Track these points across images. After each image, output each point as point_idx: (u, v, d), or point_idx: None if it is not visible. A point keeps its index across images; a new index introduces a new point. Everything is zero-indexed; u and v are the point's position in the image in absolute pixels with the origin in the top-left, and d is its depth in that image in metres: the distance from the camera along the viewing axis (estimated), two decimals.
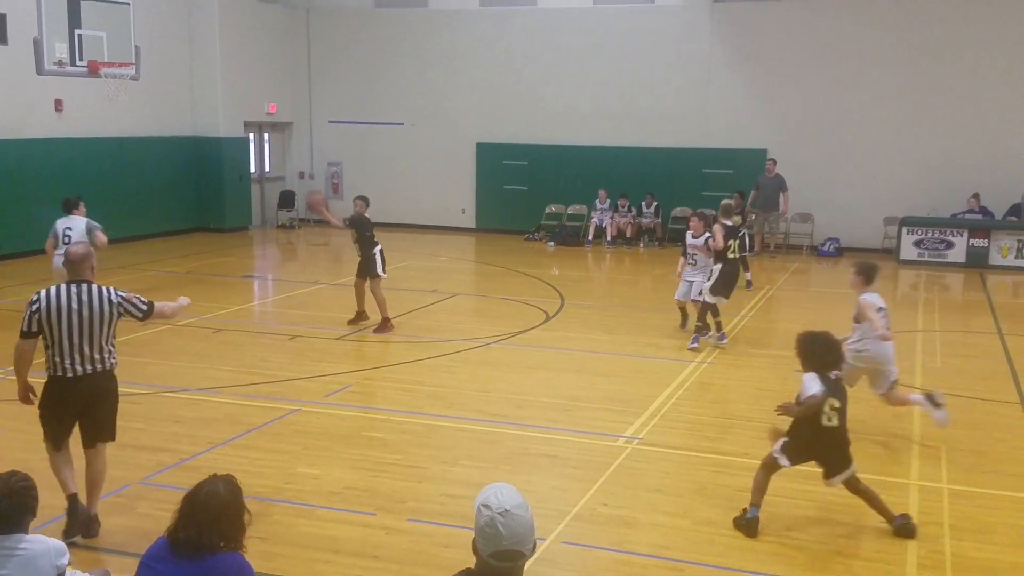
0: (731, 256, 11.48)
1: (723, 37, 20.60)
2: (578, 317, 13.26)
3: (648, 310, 14.00)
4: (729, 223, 11.65)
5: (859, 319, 7.95)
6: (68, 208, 11.03)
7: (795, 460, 6.30)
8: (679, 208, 21.22)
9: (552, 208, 22.06)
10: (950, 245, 18.34)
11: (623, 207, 21.12)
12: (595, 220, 21.23)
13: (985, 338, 12.23)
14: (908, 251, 18.62)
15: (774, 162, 19.52)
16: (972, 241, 18.19)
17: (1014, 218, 18.52)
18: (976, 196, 18.75)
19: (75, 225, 10.79)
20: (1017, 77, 18.65)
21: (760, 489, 6.37)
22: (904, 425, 8.56)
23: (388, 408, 8.96)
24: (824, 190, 20.07)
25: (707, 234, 11.47)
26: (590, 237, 21.15)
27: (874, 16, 19.47)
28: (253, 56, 22.21)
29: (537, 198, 22.07)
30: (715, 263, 11.41)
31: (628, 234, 20.95)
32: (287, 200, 23.71)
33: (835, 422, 6.15)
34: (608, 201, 21.21)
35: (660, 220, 21.12)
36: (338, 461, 7.44)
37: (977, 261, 18.04)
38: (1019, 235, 18.04)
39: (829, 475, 6.31)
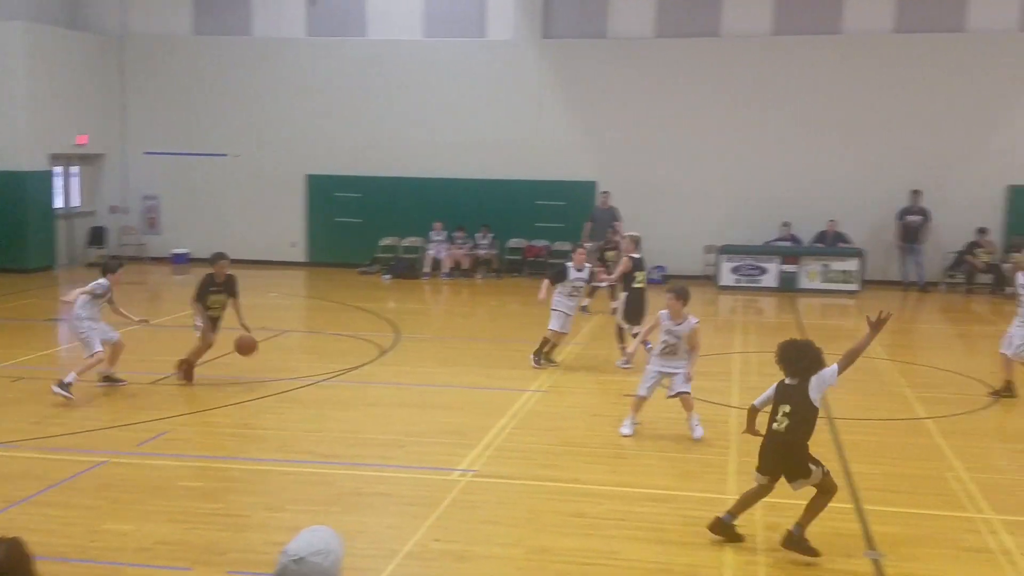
0: (636, 285, 12.03)
1: (552, 72, 21.15)
2: (414, 350, 13.12)
3: (485, 341, 14.04)
4: (638, 256, 12.17)
5: (692, 343, 8.80)
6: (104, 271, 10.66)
7: (760, 468, 6.42)
8: (514, 239, 21.52)
9: (387, 240, 21.85)
10: (763, 271, 19.42)
11: (459, 239, 21.19)
12: (431, 252, 21.18)
13: None
14: (726, 277, 19.58)
15: (607, 194, 20.12)
16: (783, 267, 19.35)
17: (820, 245, 19.85)
18: (786, 225, 20.00)
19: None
20: (821, 118, 20.00)
21: (741, 501, 6.55)
22: (722, 442, 8.88)
23: (208, 455, 8.49)
24: (650, 221, 20.76)
25: (588, 265, 12.18)
26: (427, 269, 21.07)
27: (692, 59, 20.50)
28: (61, 85, 20.94)
29: (371, 230, 21.81)
30: (622, 291, 12.19)
31: (465, 266, 21.01)
32: (97, 236, 22.41)
33: (782, 427, 6.20)
34: (444, 233, 21.23)
35: (496, 251, 21.33)
36: (150, 514, 6.95)
37: (788, 285, 19.17)
38: (825, 260, 19.32)
39: (789, 479, 6.33)
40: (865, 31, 19.83)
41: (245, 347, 10.83)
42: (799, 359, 6.20)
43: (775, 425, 6.25)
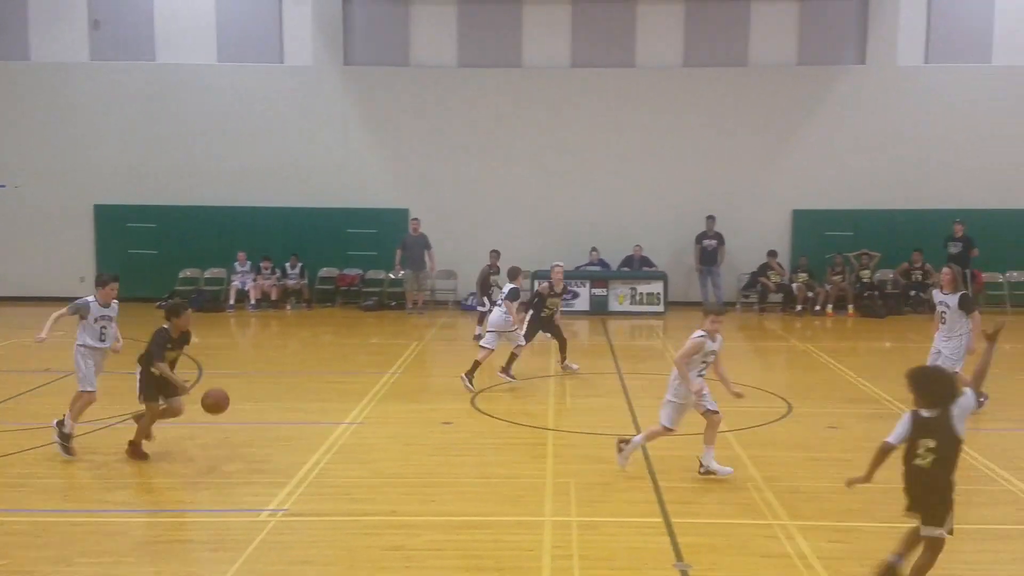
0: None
1: (356, 99, 21.00)
2: (220, 387, 12.44)
3: (297, 374, 13.58)
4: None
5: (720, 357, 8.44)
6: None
7: (912, 507, 5.78)
8: (326, 268, 21.06)
9: (187, 273, 20.86)
10: (575, 295, 19.97)
11: (266, 269, 20.49)
12: (236, 283, 20.37)
13: (607, 378, 13.32)
14: None
15: (418, 221, 20.09)
16: (593, 291, 19.97)
17: (627, 269, 20.64)
18: (595, 250, 20.67)
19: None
20: (623, 148, 20.93)
21: (903, 539, 6.00)
22: (540, 464, 8.95)
23: None
24: (465, 247, 20.98)
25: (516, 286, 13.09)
26: (231, 301, 20.23)
27: (496, 88, 20.94)
28: None
29: (169, 262, 20.78)
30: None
31: (273, 297, 20.33)
32: None
33: (926, 462, 5.64)
34: (248, 263, 20.47)
35: (307, 281, 20.78)
36: None
37: (598, 308, 19.79)
38: (632, 283, 20.10)
39: (924, 521, 5.78)
40: (657, 65, 20.90)
41: (218, 402, 9.06)
42: (936, 387, 5.74)
43: (918, 461, 5.69)
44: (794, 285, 20.26)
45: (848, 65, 20.72)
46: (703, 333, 8.34)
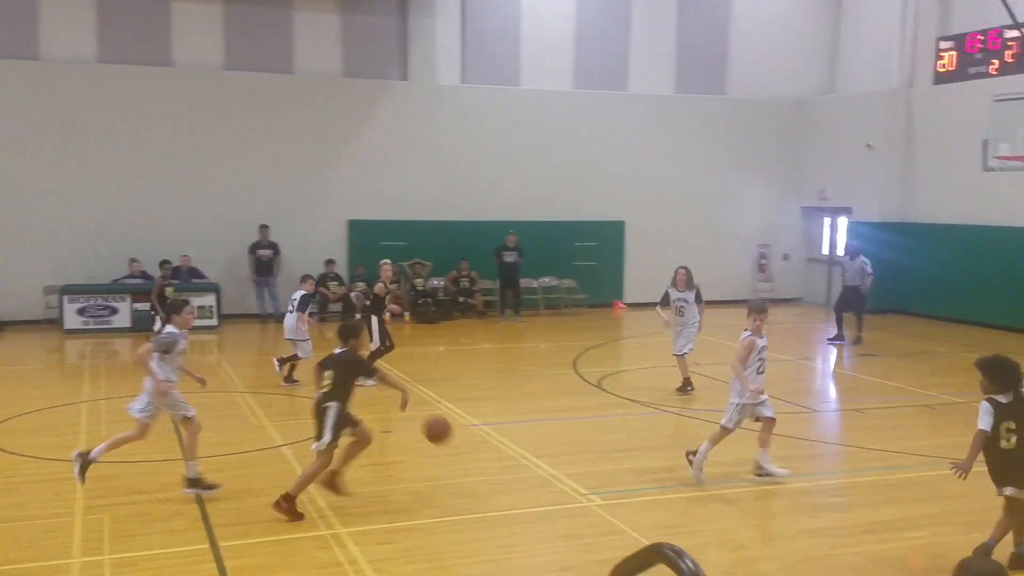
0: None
1: None
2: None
3: None
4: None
5: None
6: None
7: (1012, 481, 6.25)
8: None
9: None
10: (114, 311, 18.23)
11: None
12: None
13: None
14: (72, 320, 17.90)
15: None
16: (135, 305, 18.35)
17: (175, 280, 19.22)
18: (136, 261, 19.01)
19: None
20: (165, 151, 19.45)
21: (999, 525, 6.41)
22: (66, 502, 7.82)
23: None
24: None
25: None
26: None
27: (9, 82, 18.41)
28: None
29: None
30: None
31: None
32: None
33: (1013, 443, 6.13)
34: None
35: None
36: None
37: (143, 324, 18.08)
38: (180, 296, 18.74)
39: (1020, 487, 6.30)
40: (196, 65, 19.82)
41: (443, 430, 7.61)
42: (1008, 372, 6.23)
43: (1003, 444, 6.18)
44: (352, 294, 20.49)
45: (393, 80, 21.47)
46: (749, 332, 8.46)
